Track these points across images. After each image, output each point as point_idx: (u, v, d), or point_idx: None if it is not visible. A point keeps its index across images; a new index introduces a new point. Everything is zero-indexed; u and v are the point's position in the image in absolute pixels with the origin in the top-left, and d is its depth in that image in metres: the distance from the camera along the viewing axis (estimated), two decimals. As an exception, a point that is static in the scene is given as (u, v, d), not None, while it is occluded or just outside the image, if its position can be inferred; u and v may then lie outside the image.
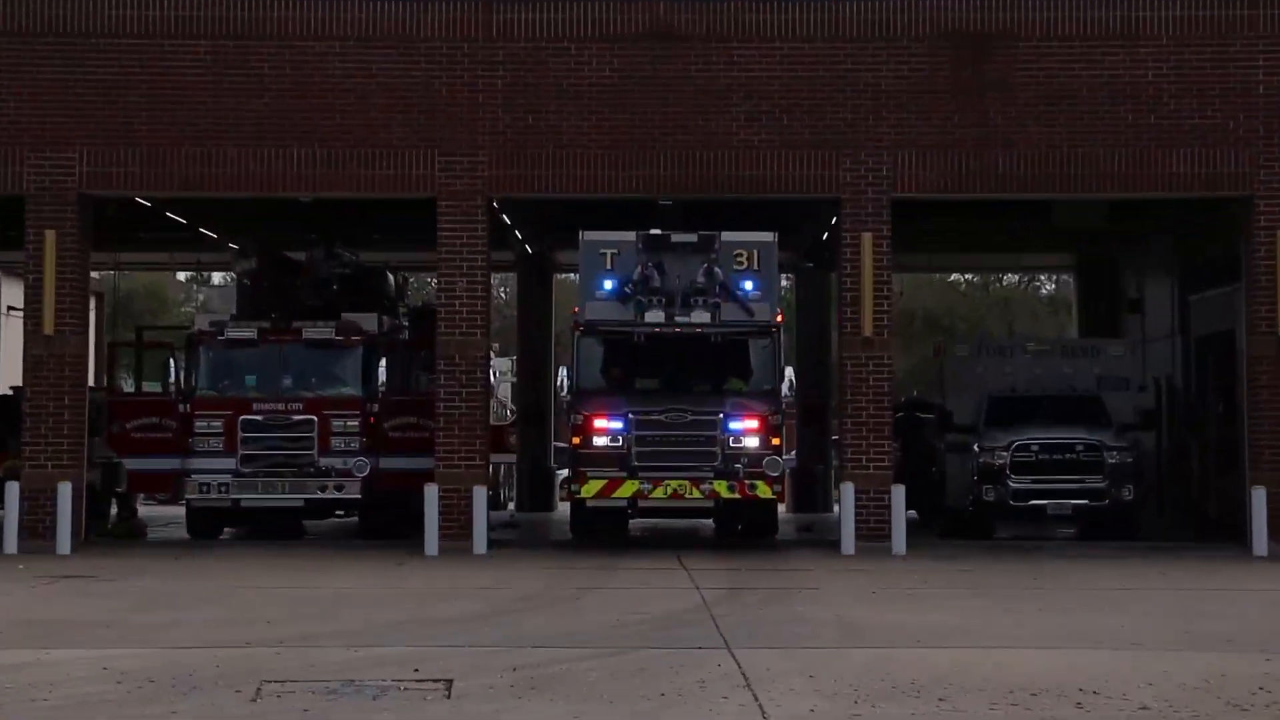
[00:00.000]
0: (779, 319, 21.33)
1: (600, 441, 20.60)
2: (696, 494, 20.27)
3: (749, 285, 21.25)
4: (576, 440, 20.75)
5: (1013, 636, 13.61)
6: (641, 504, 20.81)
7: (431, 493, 21.53)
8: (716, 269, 21.04)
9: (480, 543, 21.36)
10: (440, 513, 21.49)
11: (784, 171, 21.75)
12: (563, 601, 15.92)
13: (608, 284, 21.21)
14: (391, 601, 16.15)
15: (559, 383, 21.21)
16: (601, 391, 21.06)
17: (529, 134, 21.86)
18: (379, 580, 18.31)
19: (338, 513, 25.49)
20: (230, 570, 19.34)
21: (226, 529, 24.88)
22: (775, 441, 20.73)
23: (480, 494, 21.57)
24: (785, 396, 20.91)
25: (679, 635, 13.53)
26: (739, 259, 21.18)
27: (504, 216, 25.91)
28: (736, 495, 20.33)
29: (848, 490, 21.45)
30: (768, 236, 21.51)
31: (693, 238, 21.22)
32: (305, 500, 23.31)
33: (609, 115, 21.76)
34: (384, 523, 24.34)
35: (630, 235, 21.28)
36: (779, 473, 20.54)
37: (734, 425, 20.64)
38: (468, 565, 19.86)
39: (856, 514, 21.38)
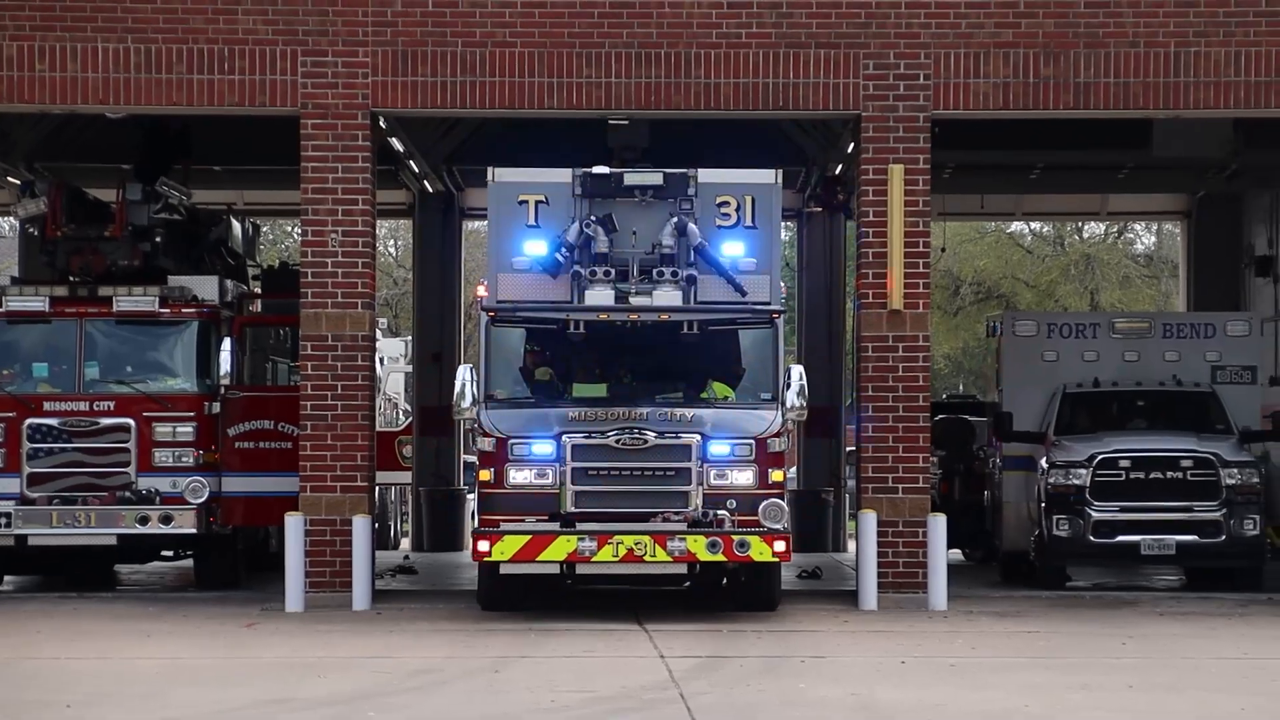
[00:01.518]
0: (782, 297, 20.06)
1: (520, 477, 19.29)
2: (661, 555, 18.81)
3: (739, 249, 19.69)
4: (485, 475, 19.48)
5: (1093, 723, 13.77)
6: (582, 570, 19.30)
7: (295, 525, 21.56)
8: (691, 225, 19.50)
9: (362, 595, 21.40)
10: (307, 553, 21.52)
11: (783, 79, 21.84)
12: (476, 675, 16.00)
13: (531, 247, 19.64)
14: (241, 677, 16.17)
15: (459, 390, 19.43)
16: (522, 404, 19.80)
17: (430, 26, 21.87)
18: (223, 647, 18.32)
19: (164, 554, 25.47)
20: (15, 633, 19.28)
21: (8, 576, 24.82)
22: (777, 476, 19.51)
23: (362, 527, 21.60)
24: (792, 409, 19.54)
25: (636, 716, 13.64)
26: (724, 210, 19.75)
27: (394, 142, 25.92)
28: (720, 557, 18.90)
29: (868, 522, 21.59)
30: (766, 176, 20.10)
31: (656, 177, 19.76)
32: (119, 536, 23.25)
33: (541, -1, 21.83)
34: (229, 567, 24.35)
35: (564, 174, 19.77)
36: (782, 524, 19.08)
37: (717, 451, 19.33)
38: (345, 625, 19.88)
39: (880, 554, 21.52)
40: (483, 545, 18.96)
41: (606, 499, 19.28)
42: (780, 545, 19.00)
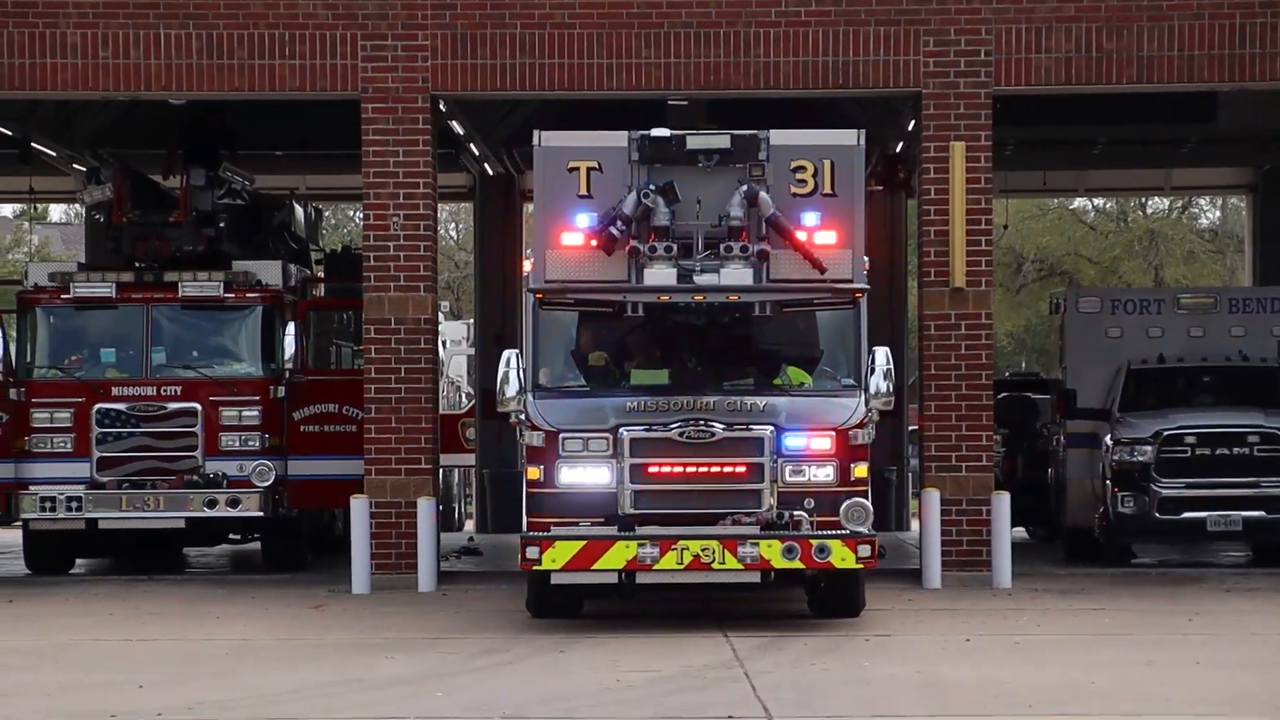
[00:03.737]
0: (866, 273, 18.16)
1: (572, 475, 17.45)
2: (732, 562, 16.83)
3: (815, 219, 17.82)
4: (534, 474, 17.71)
5: (1160, 700, 13.75)
6: (642, 579, 17.13)
7: (360, 508, 21.67)
8: (763, 194, 17.63)
9: (427, 576, 21.49)
10: (372, 535, 21.62)
11: (843, 57, 21.81)
12: (541, 655, 16.07)
13: (583, 220, 17.79)
14: (308, 657, 16.29)
15: (502, 378, 17.60)
16: (574, 393, 18.01)
17: (489, 8, 21.91)
18: (291, 628, 18.45)
19: (232, 536, 25.65)
20: (86, 615, 19.46)
21: (79, 560, 25.02)
22: (861, 472, 17.59)
23: (427, 509, 21.70)
24: (877, 396, 17.57)
25: (700, 701, 13.67)
26: (800, 176, 17.90)
27: (455, 125, 25.98)
28: (798, 564, 16.96)
29: (931, 501, 21.58)
30: (848, 137, 18.31)
31: (723, 140, 17.92)
32: (187, 520, 23.42)
33: (599, -20, 21.85)
34: (295, 549, 24.50)
35: (619, 138, 17.97)
36: (867, 526, 17.15)
37: (793, 444, 17.41)
38: (411, 606, 19.99)
39: (944, 533, 21.52)
40: (531, 552, 16.98)
41: (669, 499, 17.41)
42: (865, 550, 16.99)
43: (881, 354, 17.66)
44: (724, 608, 18.66)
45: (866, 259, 18.12)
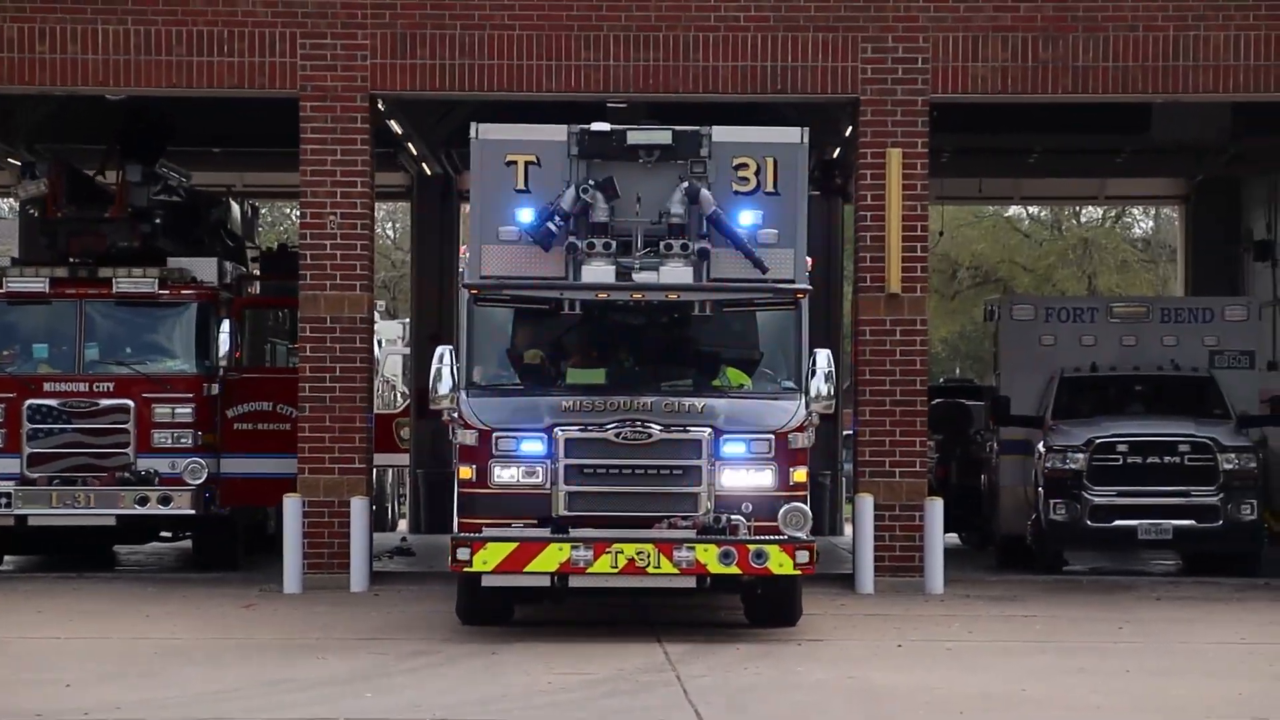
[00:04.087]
0: (808, 274, 17.76)
1: (505, 475, 16.98)
2: (667, 566, 16.38)
3: (758, 218, 17.33)
4: (466, 473, 17.22)
5: (1089, 707, 13.81)
6: (575, 582, 16.61)
7: (293, 507, 21.59)
8: (704, 191, 17.14)
9: (360, 576, 21.45)
10: (305, 535, 21.57)
11: (781, 63, 21.85)
12: (474, 657, 16.03)
13: (522, 215, 17.21)
14: (238, 656, 16.22)
15: (435, 373, 17.15)
16: (509, 391, 17.58)
17: (428, 9, 21.87)
18: (221, 627, 18.37)
19: (163, 534, 25.52)
20: (13, 613, 19.33)
21: (8, 556, 24.85)
22: (800, 477, 17.19)
23: (360, 508, 21.65)
24: (818, 399, 17.24)
25: (631, 705, 13.66)
26: (742, 174, 17.42)
27: (393, 124, 25.92)
28: (735, 570, 16.50)
29: (865, 506, 21.62)
30: (791, 135, 17.74)
31: (664, 135, 17.40)
32: (118, 517, 23.29)
33: (540, -20, 21.83)
34: (227, 548, 24.38)
35: (559, 131, 17.46)
36: (805, 531, 16.75)
37: (731, 447, 16.97)
38: (343, 606, 19.93)
39: (877, 538, 21.56)
40: (462, 553, 16.48)
41: (604, 501, 16.91)
42: (804, 556, 16.58)
43: (823, 356, 17.34)
44: (659, 614, 18.58)
45: (809, 259, 17.78)
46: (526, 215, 17.18)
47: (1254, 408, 25.40)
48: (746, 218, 17.31)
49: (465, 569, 16.63)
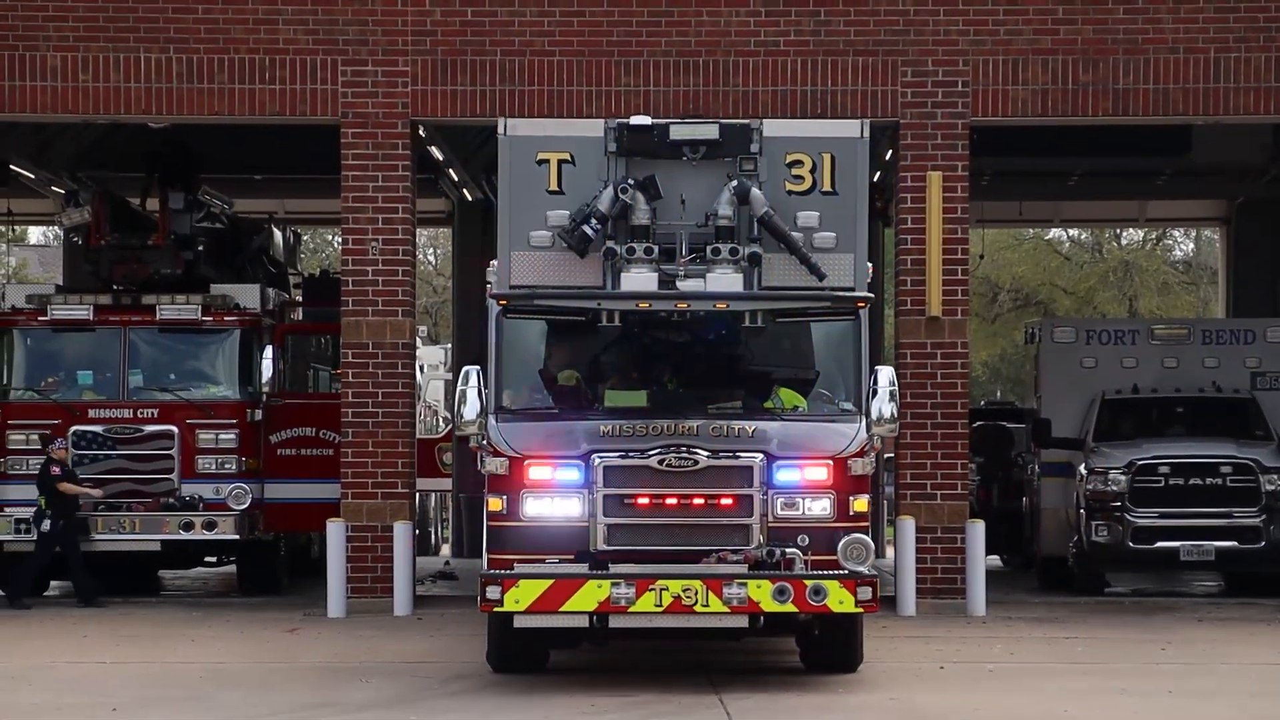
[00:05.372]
0: (869, 281, 16.28)
1: (539, 507, 15.47)
2: (717, 604, 14.85)
3: (816, 221, 15.88)
4: (495, 505, 15.66)
5: (1132, 727, 13.79)
6: (616, 622, 15.12)
7: (336, 532, 21.66)
8: (755, 190, 15.70)
9: (403, 600, 21.50)
10: (348, 559, 21.62)
11: (821, 87, 21.89)
12: (515, 681, 16.04)
13: (553, 218, 15.92)
14: (282, 680, 16.29)
15: (460, 396, 15.63)
16: (541, 415, 16.13)
17: (469, 35, 21.97)
18: (266, 651, 18.43)
19: (208, 559, 25.63)
20: (60, 637, 19.42)
21: (53, 582, 24.96)
22: (860, 506, 15.71)
23: (403, 533, 21.70)
24: (880, 421, 15.60)
25: (676, 725, 13.69)
26: (796, 172, 15.97)
27: (434, 150, 26.02)
28: (790, 608, 14.96)
29: (906, 529, 21.60)
30: (850, 128, 16.44)
31: (711, 130, 16.04)
32: (162, 543, 23.41)
33: (579, 7, 21.88)
34: (271, 572, 24.49)
35: (595, 126, 16.26)
36: (867, 566, 15.15)
37: (784, 476, 15.51)
38: (386, 631, 19.98)
39: (919, 560, 21.55)
40: (492, 592, 14.89)
41: (647, 534, 15.45)
42: (866, 592, 14.99)
43: (885, 374, 15.71)
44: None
45: (870, 265, 16.32)
46: (560, 219, 15.89)
47: (1297, 430, 25.32)
48: (802, 220, 15.89)
49: (496, 609, 15.05)
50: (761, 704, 14.59)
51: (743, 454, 15.43)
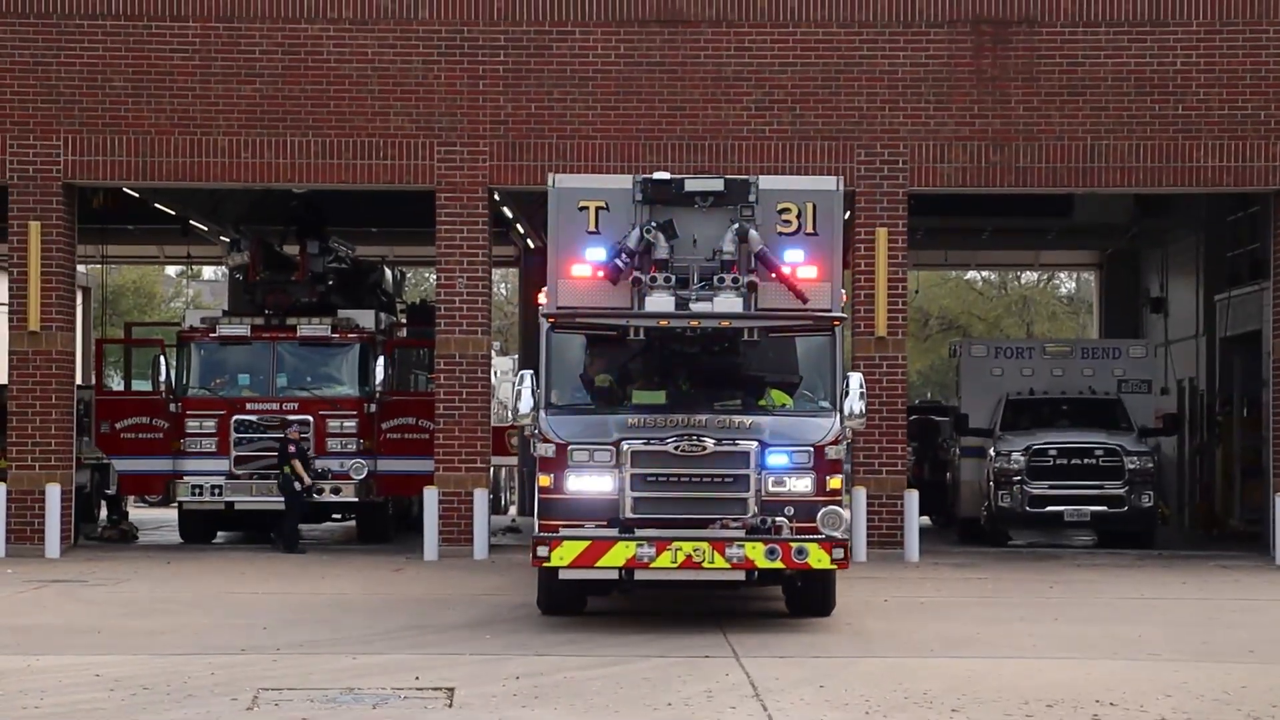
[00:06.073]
0: (843, 304, 15.99)
1: (579, 483, 15.09)
2: (720, 562, 14.61)
3: (800, 256, 15.60)
4: (545, 481, 15.30)
5: (1028, 646, 13.75)
6: (640, 575, 14.83)
7: (431, 496, 21.65)
8: (752, 231, 15.47)
9: (481, 548, 21.47)
10: (440, 517, 21.60)
11: (796, 163, 21.85)
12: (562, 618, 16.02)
13: (591, 253, 15.53)
14: (390, 608, 16.29)
15: (516, 394, 15.46)
16: (582, 410, 15.61)
17: (533, 124, 21.97)
18: (377, 586, 18.45)
19: (334, 516, 25.64)
20: (224, 574, 19.48)
21: (220, 532, 25.02)
22: (834, 484, 15.37)
23: (481, 497, 21.68)
24: (852, 416, 15.30)
25: (686, 644, 13.67)
26: (785, 217, 15.70)
27: (505, 210, 26.03)
28: (779, 564, 14.70)
29: (859, 496, 21.56)
30: (828, 183, 16.16)
31: (718, 184, 15.80)
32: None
33: (615, 103, 21.86)
34: (382, 527, 24.49)
35: (625, 181, 15.93)
36: (840, 531, 14.87)
37: (776, 460, 15.13)
38: (468, 571, 19.97)
39: (868, 520, 21.49)
40: (541, 551, 14.64)
41: (665, 505, 15.04)
42: (839, 553, 14.70)
43: (855, 379, 15.51)
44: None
45: (843, 292, 16.10)
46: (597, 254, 15.49)
47: (1150, 423, 25.41)
48: (790, 255, 15.63)
49: (544, 564, 14.75)
50: (759, 638, 14.54)
51: (741, 442, 15.15)
